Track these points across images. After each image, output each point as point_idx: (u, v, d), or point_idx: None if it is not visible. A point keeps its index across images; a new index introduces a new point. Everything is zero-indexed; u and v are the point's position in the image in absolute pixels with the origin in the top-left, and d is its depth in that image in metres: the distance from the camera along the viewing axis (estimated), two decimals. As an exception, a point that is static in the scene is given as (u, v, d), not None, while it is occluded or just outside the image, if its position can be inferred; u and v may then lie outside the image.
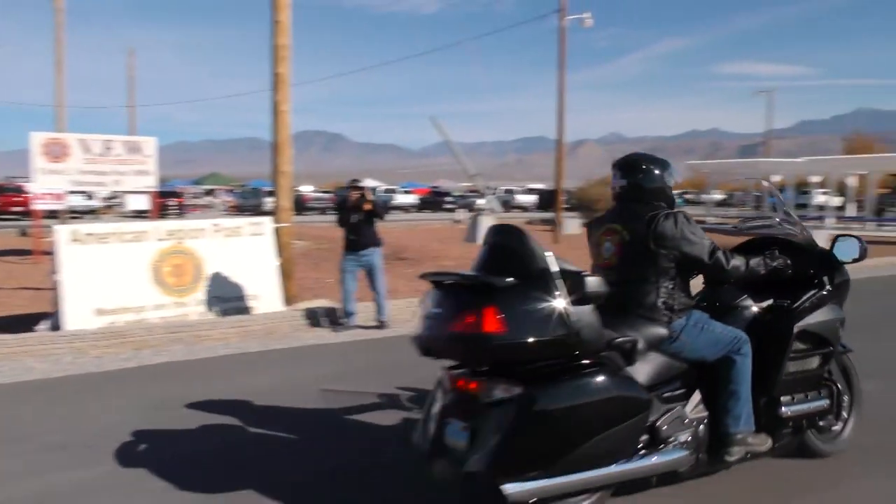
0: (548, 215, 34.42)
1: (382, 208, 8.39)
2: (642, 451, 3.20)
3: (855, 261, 3.90)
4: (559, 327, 2.86)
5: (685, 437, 3.33)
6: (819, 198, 34.41)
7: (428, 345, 3.13)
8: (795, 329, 3.65)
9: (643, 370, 3.26)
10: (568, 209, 30.79)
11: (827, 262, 3.93)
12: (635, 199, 3.63)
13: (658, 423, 3.26)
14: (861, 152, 40.98)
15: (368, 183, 8.60)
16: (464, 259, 12.77)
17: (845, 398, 4.12)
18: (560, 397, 2.90)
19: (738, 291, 3.83)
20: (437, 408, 3.15)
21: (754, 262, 3.61)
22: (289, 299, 8.77)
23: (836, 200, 33.22)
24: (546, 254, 2.96)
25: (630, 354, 3.20)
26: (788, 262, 3.73)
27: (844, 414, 4.11)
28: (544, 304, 2.86)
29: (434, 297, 3.12)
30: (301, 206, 36.93)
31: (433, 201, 47.78)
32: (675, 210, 3.55)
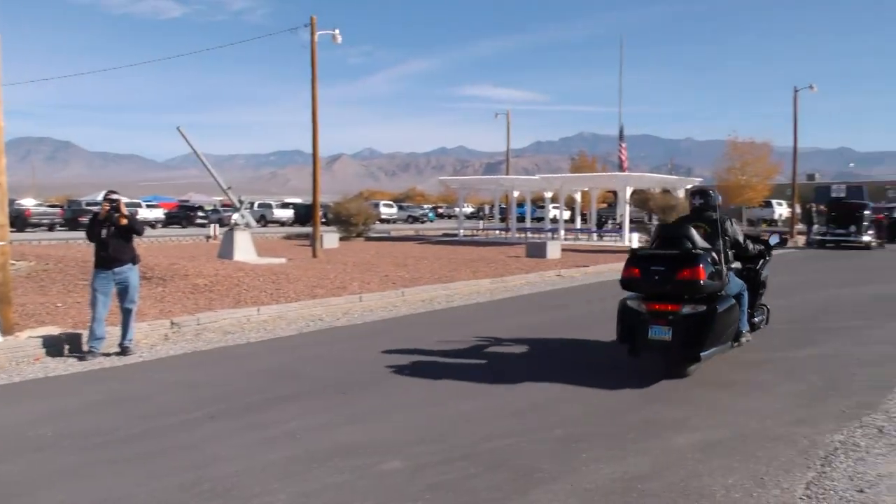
0: (305, 230, 34.03)
1: (139, 222, 7.74)
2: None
3: (777, 245, 7.48)
4: (720, 278, 5.96)
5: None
6: (553, 212, 38.14)
7: (654, 288, 5.98)
8: (762, 279, 7.25)
9: None
10: (325, 223, 30.72)
11: (767, 246, 7.32)
12: (707, 209, 6.63)
13: None
14: (584, 171, 46.20)
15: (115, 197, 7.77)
16: (219, 276, 12.07)
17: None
18: (722, 308, 5.90)
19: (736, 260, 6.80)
20: (637, 320, 6.01)
21: (752, 247, 7.03)
22: (7, 328, 7.59)
23: (566, 214, 37.05)
24: (700, 239, 6.13)
25: None
26: (761, 248, 7.24)
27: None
28: (716, 266, 5.94)
29: (654, 260, 5.99)
30: (23, 222, 32.67)
31: (183, 216, 44.87)
32: (727, 216, 6.78)
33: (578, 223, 35.38)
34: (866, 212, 24.72)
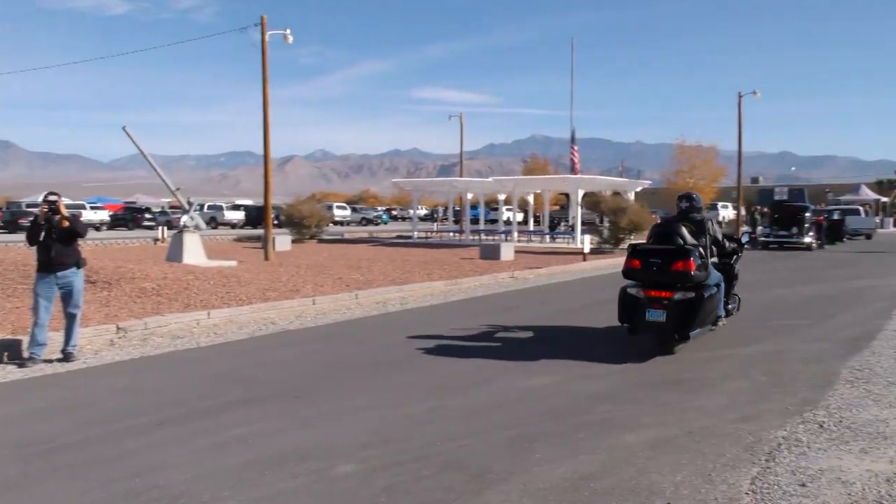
0: (257, 232, 33.54)
1: (82, 224, 7.49)
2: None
3: (748, 243, 9.08)
4: (705, 270, 7.10)
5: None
6: (506, 214, 38.41)
7: (652, 277, 7.06)
8: (735, 272, 8.40)
9: None
10: (277, 225, 30.33)
11: (740, 244, 8.46)
12: (693, 211, 7.79)
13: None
14: (537, 173, 46.66)
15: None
16: (167, 279, 11.80)
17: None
18: (707, 295, 7.04)
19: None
20: (637, 304, 7.09)
21: (728, 244, 8.07)
22: (-61, 335, 7.29)
23: (520, 216, 37.36)
24: (689, 237, 7.25)
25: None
26: (735, 245, 8.34)
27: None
28: (703, 260, 7.09)
29: (652, 254, 7.09)
30: (-41, 224, 31.51)
31: (129, 218, 43.73)
32: (709, 217, 8.01)
33: (531, 225, 35.73)
34: (807, 214, 25.55)
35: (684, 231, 7.31)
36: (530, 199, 35.45)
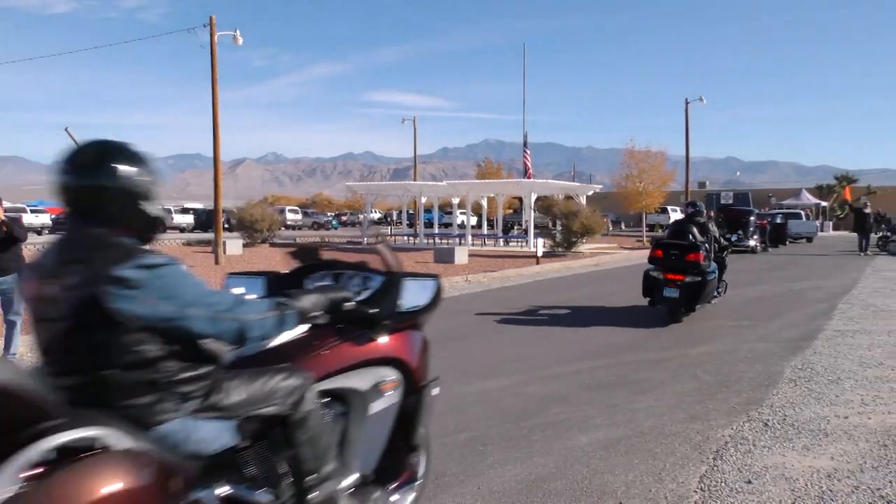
0: (207, 236, 32.93)
1: (21, 228, 7.20)
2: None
3: (736, 242, 15.79)
4: (709, 260, 9.59)
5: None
6: (460, 217, 38.53)
7: (670, 264, 9.31)
8: (725, 263, 10.96)
9: None
10: (228, 229, 29.84)
11: (730, 242, 11.82)
12: (697, 215, 10.12)
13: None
14: (490, 177, 46.95)
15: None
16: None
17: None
18: (709, 279, 9.45)
19: None
20: (657, 283, 9.37)
21: (722, 242, 10.85)
22: None
23: (474, 219, 37.53)
24: (698, 235, 9.80)
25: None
26: (727, 243, 11.45)
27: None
28: (708, 253, 9.62)
29: (672, 247, 9.49)
30: None
31: (72, 222, 42.38)
32: (710, 220, 10.72)
33: (485, 229, 35.91)
34: (751, 218, 26.28)
35: (695, 230, 9.88)
36: (484, 202, 35.63)
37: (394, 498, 2.90)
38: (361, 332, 2.71)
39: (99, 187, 2.07)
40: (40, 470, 1.68)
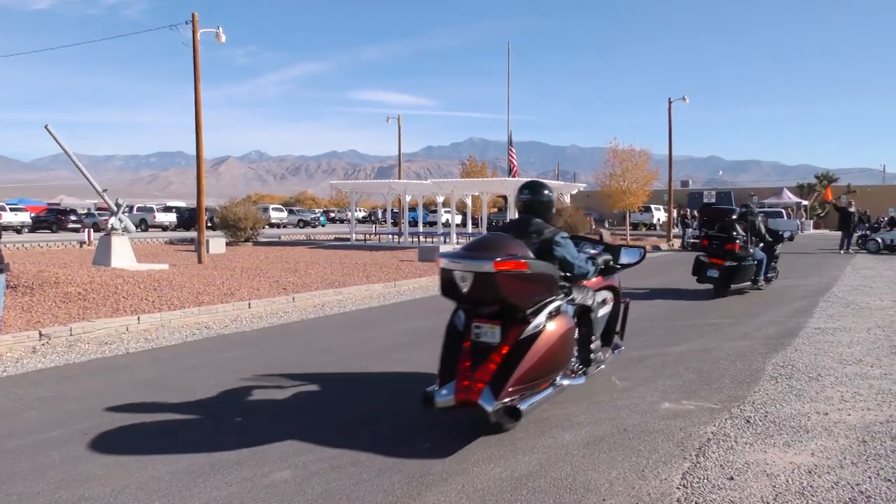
0: (190, 235, 32.68)
1: None
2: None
3: (788, 238, 15.03)
4: (745, 250, 12.47)
5: None
6: (445, 216, 38.54)
7: (714, 251, 12.50)
8: (776, 253, 14.28)
9: None
10: (211, 228, 29.62)
11: (780, 237, 14.12)
12: (750, 214, 13.07)
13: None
14: (475, 176, 46.95)
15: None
16: (94, 283, 11.37)
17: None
18: (744, 265, 12.42)
19: None
20: (703, 265, 12.56)
21: (769, 236, 13.84)
22: None
23: (458, 218, 37.51)
24: (739, 230, 12.64)
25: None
26: (777, 236, 14.24)
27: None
28: (745, 243, 12.52)
29: (715, 238, 12.57)
30: None
31: (53, 220, 42.00)
32: (757, 217, 13.48)
33: (470, 227, 35.92)
34: (734, 216, 26.47)
35: (736, 225, 12.58)
36: (469, 201, 35.64)
37: (608, 355, 5.95)
38: (608, 273, 5.93)
39: (542, 201, 5.27)
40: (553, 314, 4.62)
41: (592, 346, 5.30)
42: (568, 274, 5.04)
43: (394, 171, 59.61)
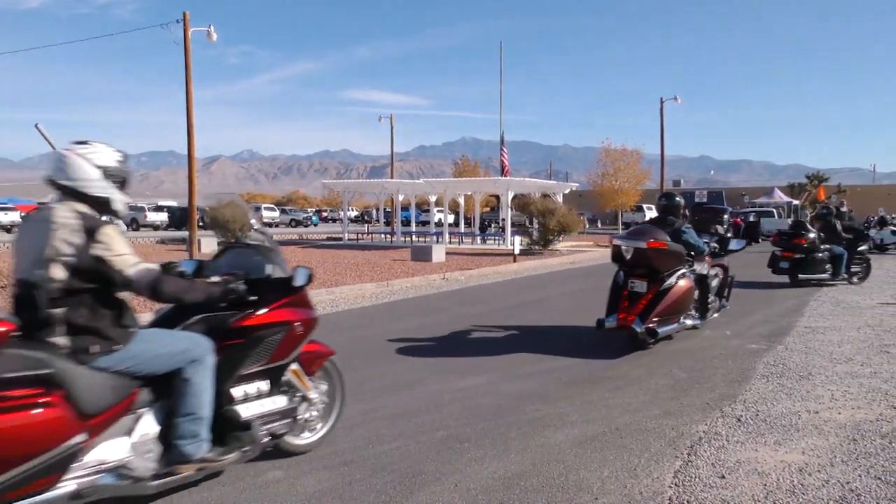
0: (181, 234, 32.57)
1: None
2: None
3: (867, 235, 15.74)
4: (814, 244, 13.80)
5: None
6: (437, 215, 38.51)
7: (785, 245, 13.95)
8: (858, 251, 14.49)
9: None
10: (202, 227, 29.51)
11: (862, 234, 15.17)
12: (830, 215, 14.61)
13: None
14: (467, 175, 46.99)
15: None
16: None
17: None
18: (816, 258, 13.75)
19: None
20: (777, 258, 14.09)
21: (844, 235, 14.24)
22: None
23: (451, 217, 37.54)
24: (810, 227, 14.32)
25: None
26: (856, 234, 14.86)
27: None
28: (814, 239, 13.76)
29: (786, 235, 14.14)
30: None
31: (43, 219, 41.68)
32: (838, 218, 14.97)
33: (462, 227, 35.94)
34: (725, 216, 26.59)
35: (808, 224, 14.23)
36: (461, 200, 35.66)
37: (714, 315, 8.64)
38: (720, 256, 8.96)
39: (674, 205, 8.24)
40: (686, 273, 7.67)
41: (708, 302, 8.21)
42: (692, 253, 7.75)
43: (386, 171, 59.68)
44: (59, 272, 3.06)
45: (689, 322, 7.70)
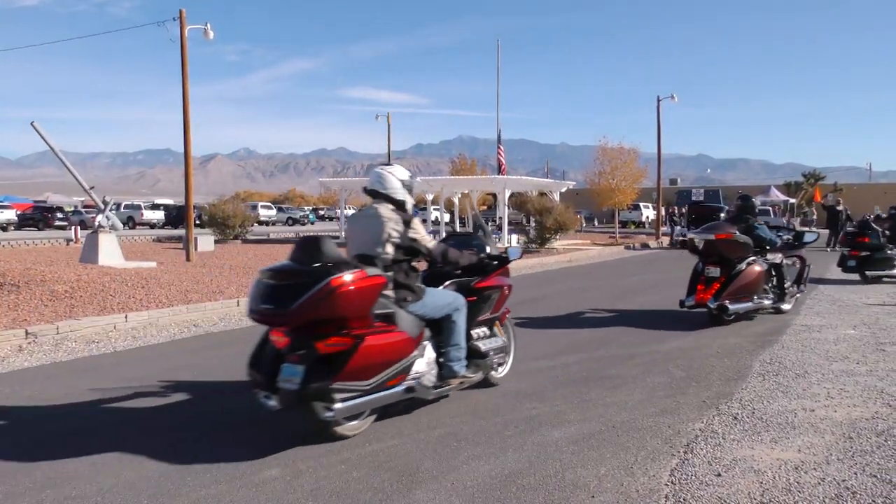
0: (178, 232, 32.51)
1: None
2: None
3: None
4: (879, 242, 14.44)
5: None
6: (434, 213, 38.52)
7: (851, 245, 14.59)
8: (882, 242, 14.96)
9: None
10: (199, 225, 29.47)
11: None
12: (891, 219, 16.00)
13: None
14: (464, 174, 46.96)
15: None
16: (81, 281, 11.29)
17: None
18: (881, 255, 14.44)
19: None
20: (846, 258, 14.65)
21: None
22: None
23: (447, 216, 37.50)
24: (872, 225, 15.12)
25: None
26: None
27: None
28: (877, 237, 14.49)
29: (852, 234, 14.90)
30: None
31: (39, 218, 41.69)
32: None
33: (458, 226, 35.92)
34: (722, 214, 26.60)
35: (872, 224, 14.85)
36: (456, 199, 35.63)
37: (798, 295, 10.33)
38: (794, 248, 10.29)
39: (749, 205, 9.86)
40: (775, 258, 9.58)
41: (785, 286, 9.61)
42: (767, 247, 9.35)
43: (383, 169, 59.30)
44: (390, 249, 4.66)
45: (766, 302, 9.18)
